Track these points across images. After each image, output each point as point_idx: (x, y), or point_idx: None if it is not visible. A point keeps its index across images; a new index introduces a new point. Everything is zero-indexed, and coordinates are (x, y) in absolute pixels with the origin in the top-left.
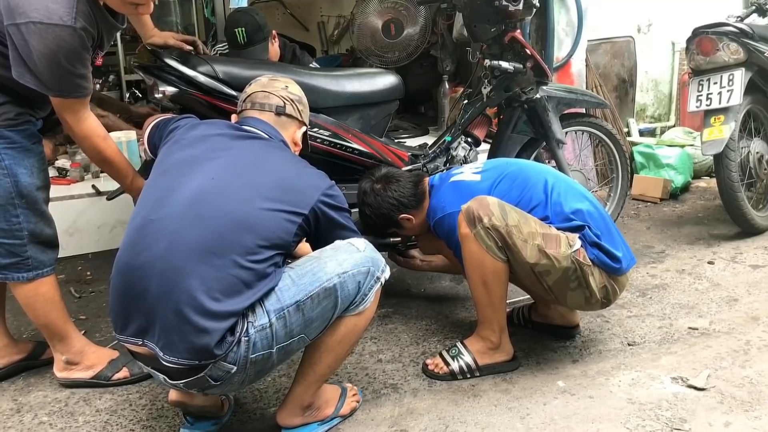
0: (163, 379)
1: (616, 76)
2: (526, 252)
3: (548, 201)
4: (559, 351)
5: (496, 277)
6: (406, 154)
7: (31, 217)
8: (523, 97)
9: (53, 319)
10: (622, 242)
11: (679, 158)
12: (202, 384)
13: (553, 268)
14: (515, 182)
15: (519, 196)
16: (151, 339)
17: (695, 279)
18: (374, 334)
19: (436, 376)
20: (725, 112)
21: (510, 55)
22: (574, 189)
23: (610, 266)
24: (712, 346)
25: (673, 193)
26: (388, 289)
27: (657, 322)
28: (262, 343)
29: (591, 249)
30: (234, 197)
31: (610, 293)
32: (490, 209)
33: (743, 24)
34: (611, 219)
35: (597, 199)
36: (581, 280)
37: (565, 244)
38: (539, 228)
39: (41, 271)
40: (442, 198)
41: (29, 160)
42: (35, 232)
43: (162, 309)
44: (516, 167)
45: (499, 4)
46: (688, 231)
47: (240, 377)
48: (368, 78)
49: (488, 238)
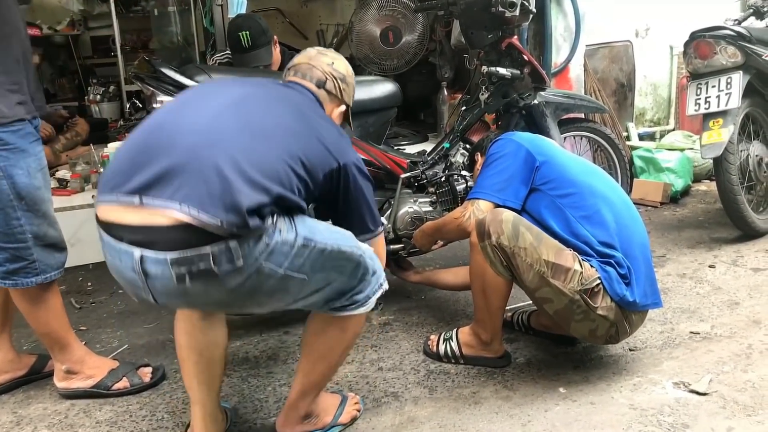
0: (139, 257)
1: (614, 81)
2: (528, 276)
3: (604, 221)
4: (561, 357)
5: (496, 290)
6: (405, 161)
7: (33, 219)
8: (520, 103)
9: (55, 327)
10: (650, 283)
11: (678, 162)
12: (191, 267)
13: (556, 298)
14: (585, 176)
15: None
16: (159, 193)
17: (696, 283)
18: (375, 342)
19: (427, 351)
20: (724, 116)
21: (507, 62)
22: (635, 219)
23: (626, 302)
24: (714, 351)
25: (674, 197)
26: (389, 297)
27: (658, 327)
28: (278, 257)
29: (613, 284)
30: (281, 112)
31: (619, 331)
32: (501, 227)
33: (740, 27)
34: (649, 255)
35: None
36: (588, 314)
37: (576, 280)
38: (553, 256)
39: (49, 274)
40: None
41: (25, 160)
42: (39, 235)
43: (194, 161)
44: (595, 173)
45: (495, 11)
46: (688, 235)
47: (236, 283)
48: (366, 86)
49: (494, 254)
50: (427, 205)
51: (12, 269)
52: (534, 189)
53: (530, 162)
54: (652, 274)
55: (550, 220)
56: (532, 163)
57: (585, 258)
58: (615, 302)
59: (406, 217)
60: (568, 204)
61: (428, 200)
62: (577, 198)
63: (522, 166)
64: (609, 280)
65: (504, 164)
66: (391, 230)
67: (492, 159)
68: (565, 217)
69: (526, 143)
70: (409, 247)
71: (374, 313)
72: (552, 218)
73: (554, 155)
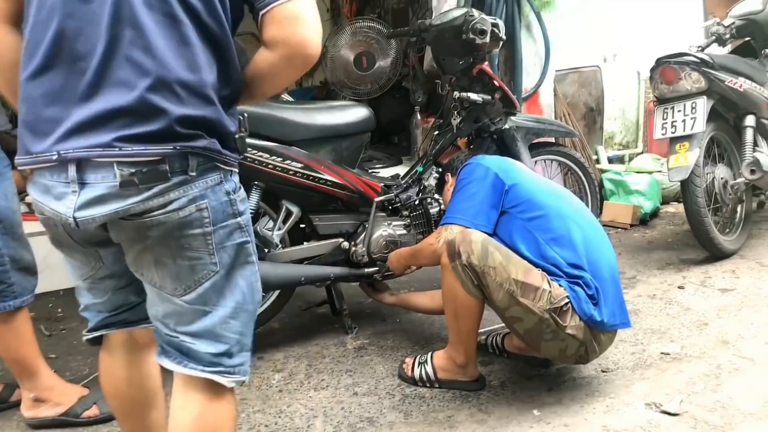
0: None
1: (584, 105)
2: (498, 296)
3: (573, 243)
4: (534, 379)
5: (468, 311)
6: (379, 184)
7: (10, 242)
8: (492, 128)
9: (24, 353)
10: (618, 303)
11: (648, 184)
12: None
13: (525, 317)
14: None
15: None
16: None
17: (666, 304)
18: (350, 367)
19: (402, 375)
20: (690, 139)
21: (479, 87)
22: (603, 241)
23: (594, 321)
24: (684, 371)
25: (643, 219)
26: (363, 320)
27: (630, 348)
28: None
29: (581, 304)
30: None
31: (588, 351)
32: (471, 246)
33: (704, 54)
34: (617, 276)
35: None
36: (557, 333)
37: (545, 299)
38: (522, 275)
39: (25, 298)
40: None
41: (2, 183)
42: (15, 258)
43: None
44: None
45: (466, 38)
46: (658, 256)
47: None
48: (339, 111)
49: (464, 274)
50: (401, 228)
51: None
52: (503, 212)
53: (499, 186)
54: (620, 295)
55: (519, 243)
56: (501, 186)
57: (554, 278)
58: (583, 322)
59: (381, 241)
60: (536, 227)
61: (402, 223)
62: (546, 220)
63: (491, 189)
64: (577, 299)
65: (474, 189)
66: (365, 253)
67: (462, 184)
68: (534, 239)
69: (495, 167)
70: (383, 270)
71: (348, 337)
72: (521, 241)
73: (523, 178)
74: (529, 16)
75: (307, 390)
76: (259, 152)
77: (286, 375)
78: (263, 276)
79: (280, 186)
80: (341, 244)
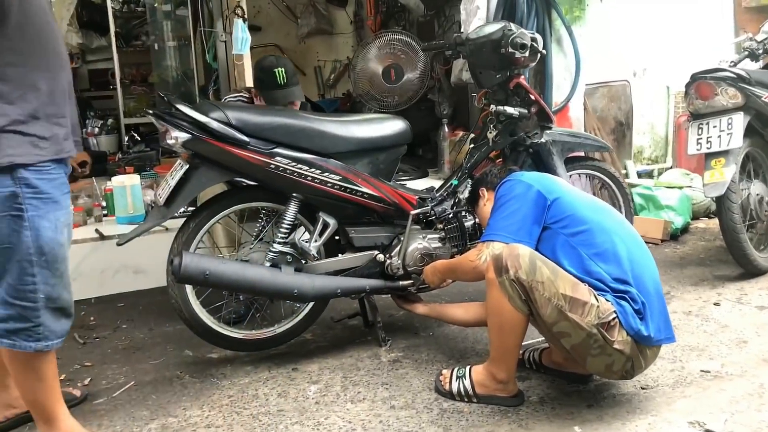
0: None
1: (613, 119)
2: (546, 310)
3: (617, 257)
4: (574, 395)
5: (513, 327)
6: (414, 197)
7: (50, 279)
8: (528, 141)
9: (43, 398)
10: (663, 318)
11: (678, 200)
12: None
13: (573, 332)
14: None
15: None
16: None
17: (703, 321)
18: (385, 380)
19: (439, 389)
20: (726, 155)
21: (515, 101)
22: (646, 254)
23: (641, 336)
24: (727, 390)
25: (674, 234)
26: (397, 333)
27: (668, 365)
28: None
29: (628, 319)
30: None
31: (634, 366)
32: (519, 261)
33: (739, 69)
34: (660, 290)
35: None
36: (605, 348)
37: (593, 314)
38: (570, 290)
39: (51, 342)
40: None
41: (55, 213)
42: (52, 296)
43: None
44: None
45: (505, 52)
46: (691, 272)
47: None
48: (377, 123)
49: (512, 289)
50: (436, 241)
51: (13, 328)
52: (546, 227)
53: (541, 201)
54: (664, 309)
55: (563, 259)
56: (543, 202)
57: (600, 293)
58: (630, 336)
59: (416, 254)
60: (580, 242)
61: (437, 236)
62: (589, 235)
63: (533, 206)
64: (624, 314)
65: (516, 205)
66: (401, 266)
67: (503, 201)
68: (578, 255)
69: (536, 183)
70: (418, 283)
71: (382, 350)
72: (565, 257)
73: (564, 193)
74: (560, 30)
75: (344, 402)
76: (298, 164)
77: (322, 387)
78: (300, 287)
79: (318, 198)
80: (376, 257)
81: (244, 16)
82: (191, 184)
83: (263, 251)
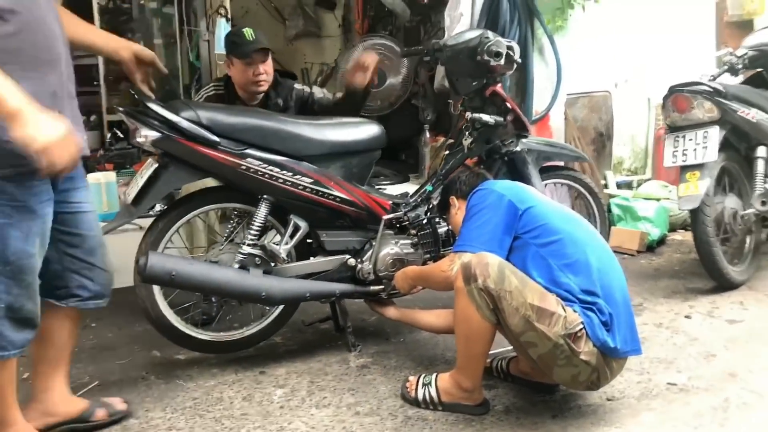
0: None
1: (593, 130)
2: (514, 320)
3: (587, 268)
4: (539, 405)
5: (481, 336)
6: (388, 202)
7: (13, 288)
8: (503, 149)
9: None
10: (630, 330)
11: (656, 211)
12: None
13: (540, 342)
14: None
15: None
16: None
17: (673, 333)
18: (352, 386)
19: (405, 397)
20: (701, 168)
21: (491, 108)
22: (615, 267)
23: (608, 347)
24: (691, 403)
25: (650, 246)
26: (367, 339)
27: (636, 377)
28: None
29: (595, 330)
30: None
31: (600, 377)
32: (488, 270)
33: (717, 83)
34: (629, 302)
35: None
36: (571, 359)
37: (560, 325)
38: (537, 300)
39: (7, 353)
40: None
41: (27, 223)
42: (14, 306)
43: None
44: (576, 221)
45: (481, 59)
46: (664, 284)
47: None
48: (351, 127)
49: (480, 298)
50: (409, 246)
51: None
52: (517, 237)
53: (513, 211)
54: (632, 321)
55: (532, 270)
56: (514, 211)
57: (568, 303)
58: (597, 347)
59: (388, 259)
60: (550, 252)
61: (410, 242)
62: (560, 246)
63: (504, 215)
64: (591, 325)
65: (487, 215)
66: (371, 271)
67: (474, 210)
68: (547, 265)
69: (508, 192)
70: (389, 289)
71: (352, 355)
72: (534, 267)
73: (536, 203)
74: (542, 39)
75: (308, 407)
76: (270, 166)
77: (288, 391)
78: (268, 290)
79: (289, 200)
80: (348, 261)
81: (227, 16)
82: (160, 182)
83: (234, 253)
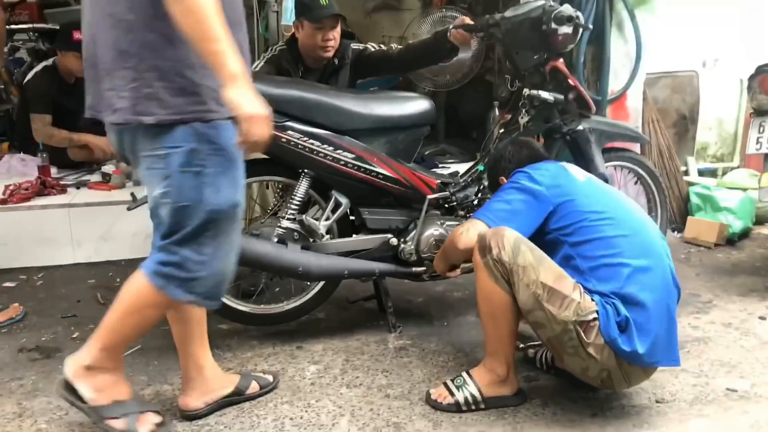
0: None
1: (675, 112)
2: (523, 297)
3: (617, 275)
4: (579, 402)
5: (505, 310)
6: (435, 181)
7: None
8: (564, 129)
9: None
10: (666, 340)
11: (739, 202)
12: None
13: (548, 324)
14: (615, 216)
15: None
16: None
17: (742, 335)
18: (387, 367)
19: (439, 407)
20: None
21: (552, 85)
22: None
23: (619, 348)
24: (750, 412)
25: (730, 239)
26: (408, 320)
27: (692, 379)
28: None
29: (608, 324)
30: None
31: (612, 378)
32: (503, 242)
33: None
34: (671, 311)
35: None
36: (578, 350)
37: (572, 310)
38: (551, 281)
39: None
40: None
41: (234, 172)
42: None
43: None
44: (630, 212)
45: (547, 29)
46: (741, 281)
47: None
48: (398, 102)
49: (495, 269)
50: (455, 228)
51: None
52: (547, 232)
53: (542, 208)
54: (671, 331)
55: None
56: (544, 208)
57: (588, 293)
58: (607, 344)
59: (431, 240)
60: (580, 252)
61: (456, 223)
62: (592, 247)
63: (529, 208)
64: (606, 317)
65: (516, 197)
66: (414, 252)
67: (508, 185)
68: (574, 266)
69: (546, 186)
70: (431, 271)
71: (391, 336)
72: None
73: (576, 197)
74: (622, 13)
75: (339, 386)
76: (310, 139)
77: (321, 368)
78: (306, 265)
79: (330, 176)
80: (390, 240)
81: None
82: None
83: (274, 226)
